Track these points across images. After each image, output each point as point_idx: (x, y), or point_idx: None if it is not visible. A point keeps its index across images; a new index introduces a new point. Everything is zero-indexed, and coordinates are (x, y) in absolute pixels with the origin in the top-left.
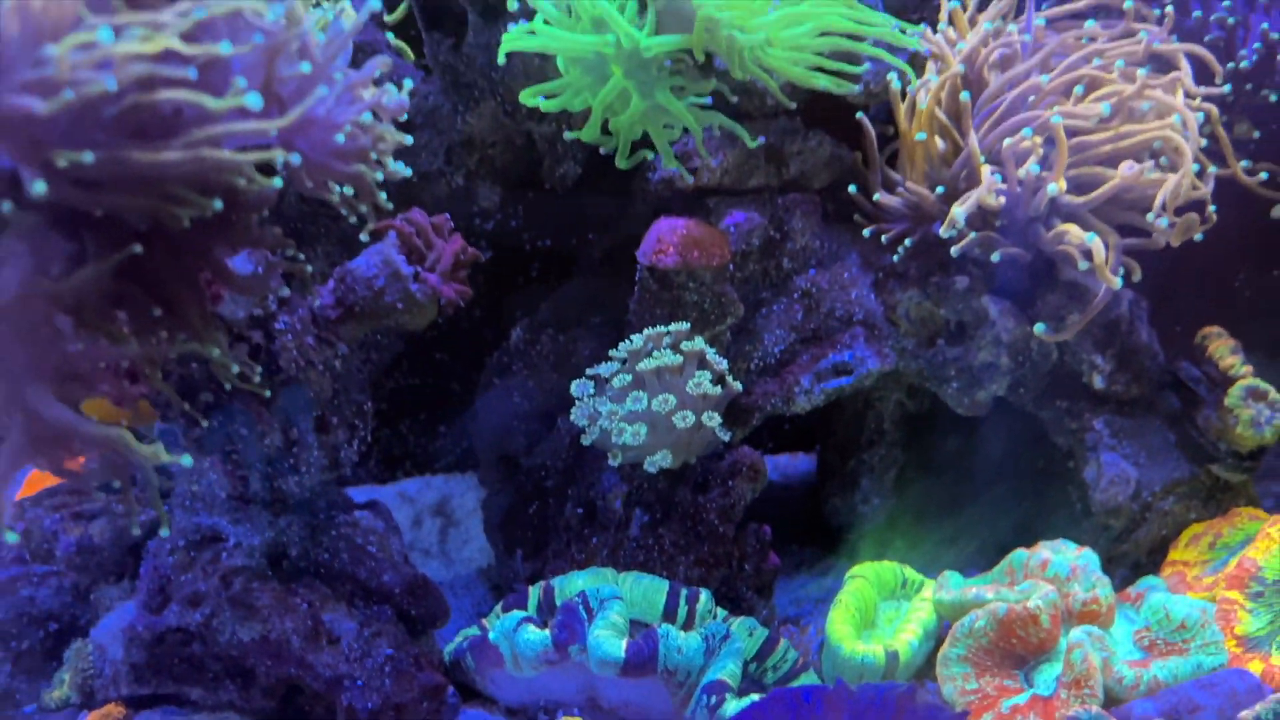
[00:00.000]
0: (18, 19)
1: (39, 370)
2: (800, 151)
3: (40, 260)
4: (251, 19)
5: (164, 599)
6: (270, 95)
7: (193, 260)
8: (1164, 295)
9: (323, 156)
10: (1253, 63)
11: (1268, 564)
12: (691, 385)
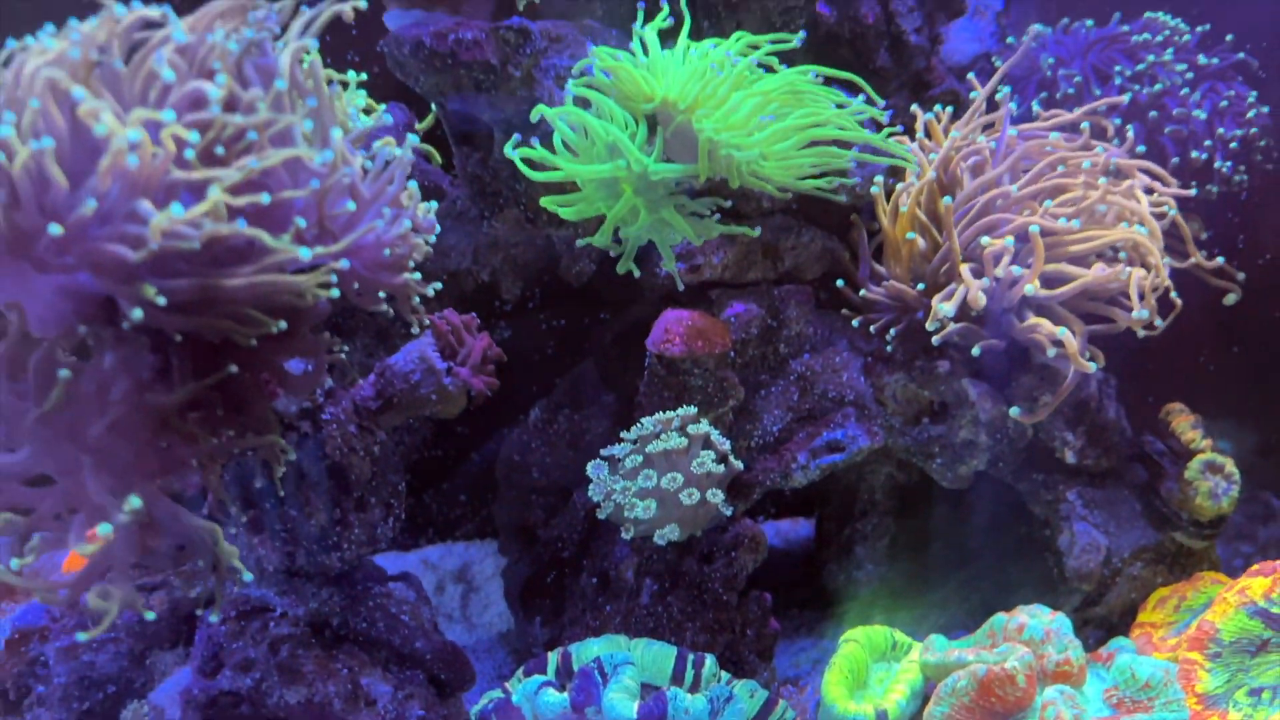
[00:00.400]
0: (113, 177)
1: (143, 468)
2: (794, 246)
3: (136, 373)
4: (308, 164)
5: (217, 664)
6: (324, 229)
7: (258, 367)
8: (1135, 373)
9: (371, 272)
10: (1203, 163)
11: (1224, 627)
12: (696, 465)
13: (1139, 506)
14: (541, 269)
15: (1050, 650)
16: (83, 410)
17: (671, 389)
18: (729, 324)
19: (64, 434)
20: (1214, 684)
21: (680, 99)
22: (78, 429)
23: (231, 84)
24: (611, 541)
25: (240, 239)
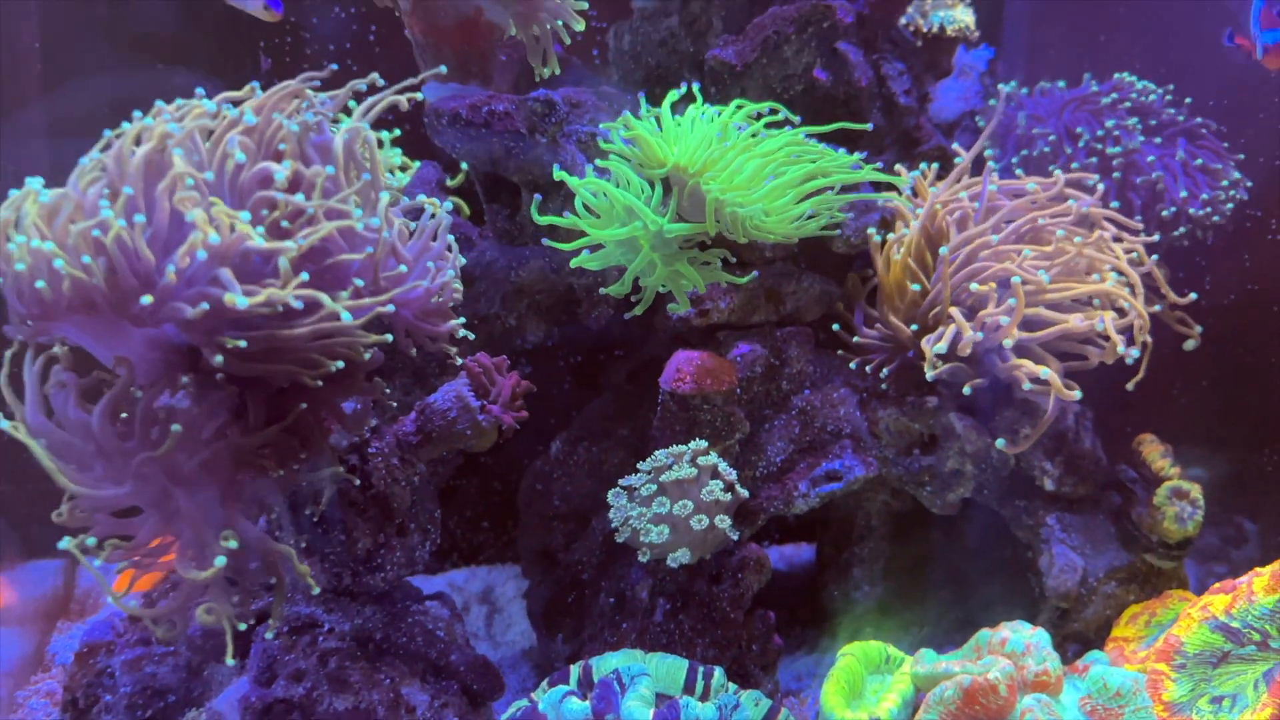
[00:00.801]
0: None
1: (230, 498)
2: (795, 291)
3: (219, 414)
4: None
5: (271, 675)
6: (378, 287)
7: (319, 407)
8: (1112, 405)
9: (419, 320)
10: (1171, 214)
11: (1188, 640)
12: (705, 493)
13: (1113, 530)
14: (562, 313)
15: (1030, 662)
16: (176, 449)
17: (683, 423)
18: (735, 363)
19: (161, 471)
20: (1179, 693)
21: (690, 164)
22: (172, 466)
23: (296, 165)
24: (628, 564)
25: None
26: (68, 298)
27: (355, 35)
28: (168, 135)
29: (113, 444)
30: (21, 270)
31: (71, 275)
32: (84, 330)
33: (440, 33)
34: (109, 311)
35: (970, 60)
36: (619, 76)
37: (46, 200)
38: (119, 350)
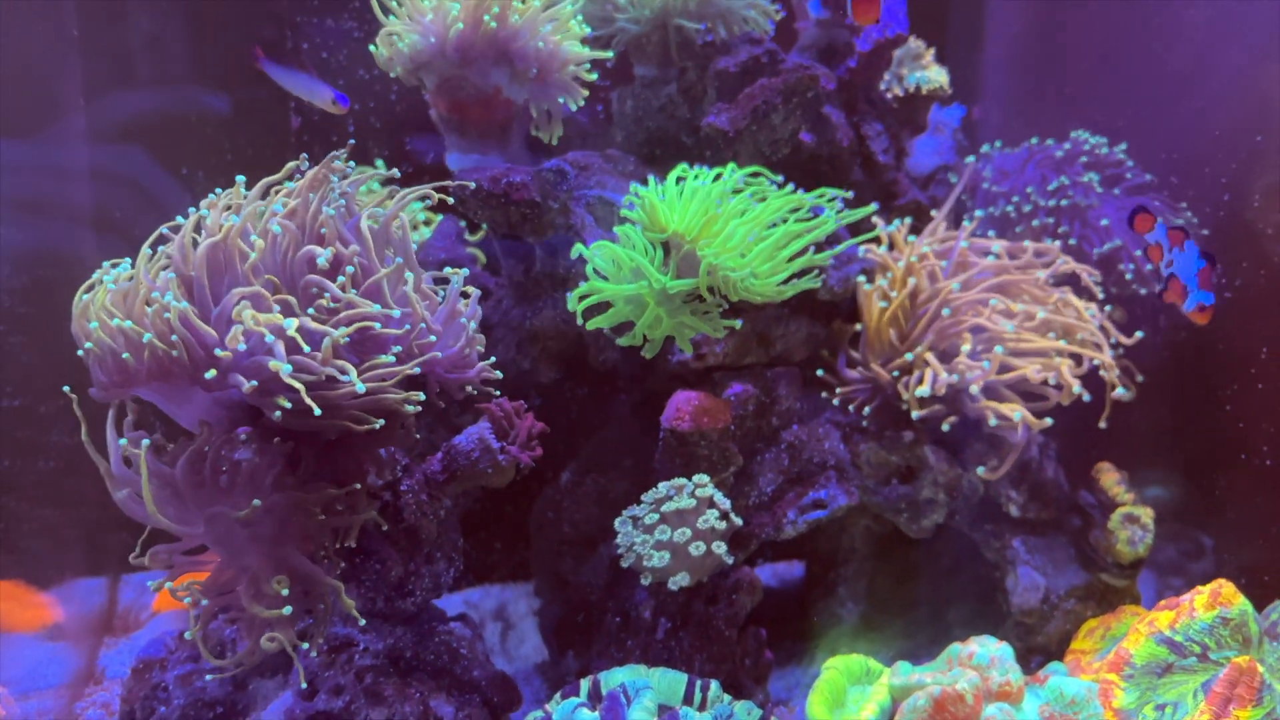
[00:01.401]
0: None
1: (286, 538)
2: (783, 334)
3: (277, 463)
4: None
5: (313, 689)
6: (411, 353)
7: (361, 455)
8: (1076, 435)
9: (445, 375)
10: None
11: (1137, 653)
12: (702, 522)
13: (1072, 551)
14: (572, 357)
15: (994, 674)
16: (240, 495)
17: (682, 457)
18: (729, 402)
19: (229, 514)
20: (1127, 700)
21: (687, 231)
22: (238, 509)
23: (336, 247)
24: (632, 586)
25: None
26: (148, 367)
27: (378, 95)
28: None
29: (191, 490)
30: (105, 344)
31: (153, 348)
32: (158, 394)
33: (463, 109)
34: (183, 379)
35: (944, 117)
36: (622, 137)
37: (118, 286)
38: (187, 407)
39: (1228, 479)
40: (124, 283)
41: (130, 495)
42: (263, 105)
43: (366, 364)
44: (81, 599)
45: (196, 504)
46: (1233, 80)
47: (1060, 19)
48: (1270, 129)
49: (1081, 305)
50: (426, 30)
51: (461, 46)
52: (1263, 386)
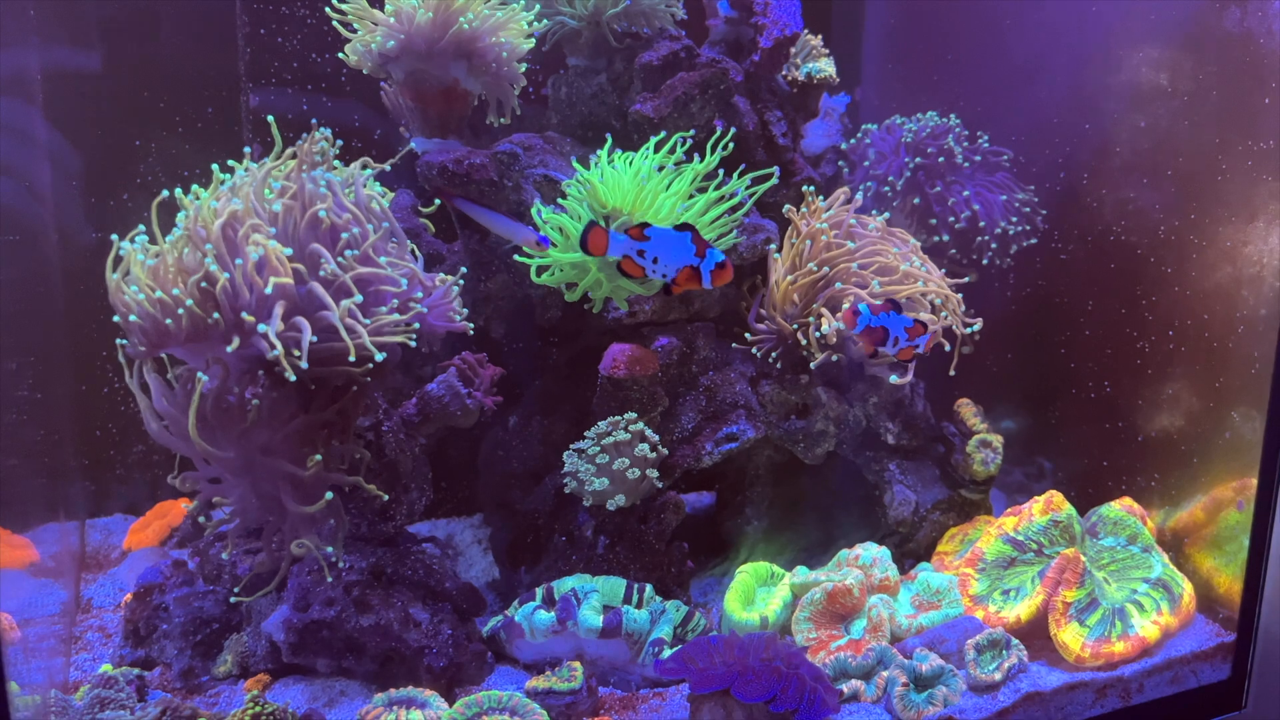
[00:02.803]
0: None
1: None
2: (701, 295)
3: (293, 403)
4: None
5: (307, 602)
6: (406, 306)
7: (358, 397)
8: (941, 377)
9: (434, 324)
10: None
11: (988, 550)
12: (637, 452)
13: (937, 472)
14: (519, 315)
15: (876, 572)
16: (262, 428)
17: (617, 400)
18: (657, 353)
19: (253, 443)
20: (981, 588)
21: (623, 205)
22: (262, 439)
23: (330, 217)
24: (575, 510)
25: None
26: (186, 330)
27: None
28: (234, 212)
29: (221, 423)
30: (146, 312)
31: (191, 314)
32: (188, 350)
33: (426, 99)
34: (215, 339)
35: (832, 104)
36: (557, 120)
37: (150, 262)
38: (209, 360)
39: (1061, 410)
40: (153, 260)
41: (162, 429)
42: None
43: (375, 318)
44: (54, 540)
45: (225, 434)
46: (1066, 77)
47: (928, 15)
48: (1095, 119)
49: (933, 267)
50: (394, 31)
51: (427, 45)
52: (1089, 333)
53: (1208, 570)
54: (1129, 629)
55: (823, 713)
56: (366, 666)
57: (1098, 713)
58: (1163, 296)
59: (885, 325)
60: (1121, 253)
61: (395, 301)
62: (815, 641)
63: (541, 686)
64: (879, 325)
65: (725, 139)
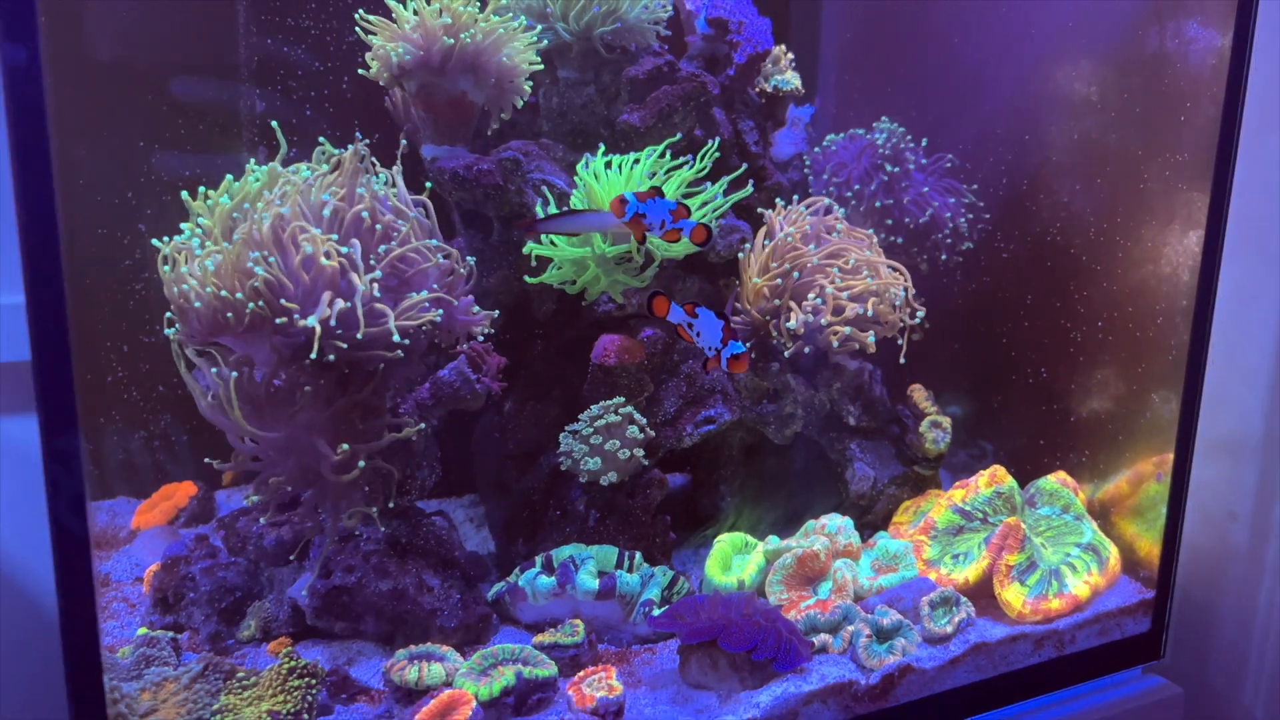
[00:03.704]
0: (320, 283)
1: (341, 438)
2: (682, 289)
3: (332, 386)
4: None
5: (328, 570)
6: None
7: (389, 379)
8: (895, 365)
9: (460, 318)
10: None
11: (938, 519)
12: (627, 434)
13: (893, 450)
14: (517, 308)
15: (840, 538)
16: (306, 409)
17: (607, 386)
18: (644, 342)
19: (300, 424)
20: (933, 553)
21: None
22: (307, 420)
23: (377, 213)
24: (568, 486)
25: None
26: (246, 324)
27: (331, 84)
28: (281, 215)
29: (270, 406)
30: (199, 307)
31: (256, 311)
32: (239, 339)
33: (435, 109)
34: (267, 331)
35: (798, 113)
36: (549, 128)
37: (208, 260)
38: (258, 346)
39: (1003, 396)
40: (214, 256)
41: (216, 411)
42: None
43: (406, 302)
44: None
45: (274, 415)
46: (1008, 92)
47: (882, 33)
48: (1034, 130)
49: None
50: (413, 46)
51: (442, 60)
52: (1027, 325)
53: (1131, 535)
54: (1064, 588)
55: (797, 660)
56: (383, 628)
57: (1036, 661)
58: (1093, 292)
59: (649, 211)
60: (1057, 252)
61: (427, 292)
62: (787, 601)
63: (548, 641)
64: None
65: (711, 150)
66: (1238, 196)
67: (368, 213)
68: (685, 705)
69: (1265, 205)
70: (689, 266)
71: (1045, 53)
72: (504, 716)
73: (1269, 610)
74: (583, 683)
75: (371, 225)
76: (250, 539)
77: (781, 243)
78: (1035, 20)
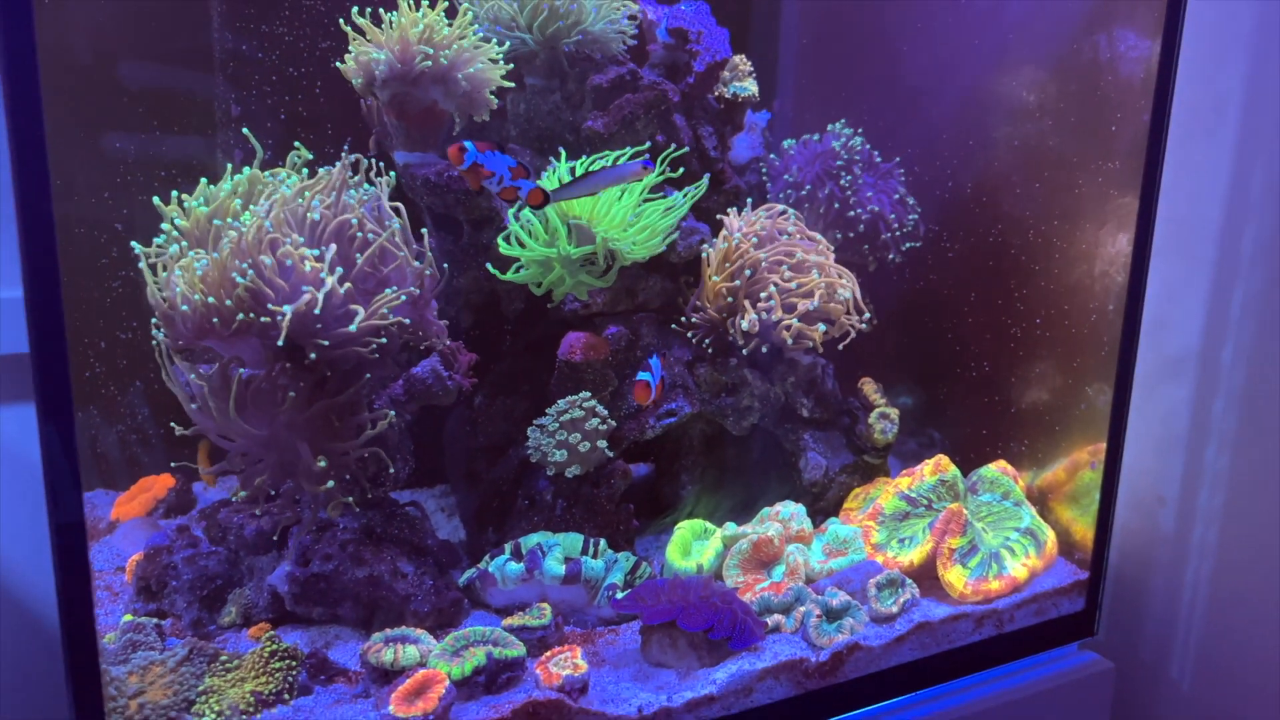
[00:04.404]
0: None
1: (320, 436)
2: (645, 288)
3: (311, 386)
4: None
5: (306, 559)
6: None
7: (362, 375)
8: (846, 359)
9: (424, 323)
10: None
11: (886, 506)
12: (590, 426)
13: (844, 440)
14: (486, 308)
15: (793, 524)
16: (292, 409)
17: (573, 381)
18: (608, 339)
19: (280, 423)
20: (880, 537)
21: (583, 214)
22: (287, 419)
23: (362, 222)
24: (536, 477)
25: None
26: (233, 329)
27: (305, 89)
28: (261, 228)
29: (255, 406)
30: (186, 310)
31: (232, 310)
32: (223, 341)
33: (408, 117)
34: (252, 334)
35: (755, 119)
36: (516, 133)
37: (192, 266)
38: (241, 347)
39: (948, 388)
40: (199, 263)
41: (203, 413)
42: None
43: (379, 298)
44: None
45: (260, 415)
46: (953, 101)
47: (837, 39)
48: (978, 136)
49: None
50: (393, 58)
51: (413, 71)
52: (971, 321)
53: (1067, 520)
54: (1003, 570)
55: (751, 639)
56: (360, 613)
57: (977, 639)
58: (1031, 290)
59: (491, 165)
60: (998, 252)
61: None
62: (743, 584)
63: (517, 624)
64: (484, 163)
65: (670, 155)
66: (1165, 200)
67: (356, 220)
68: (647, 682)
69: (1191, 209)
70: (651, 266)
71: (988, 64)
72: (476, 694)
73: (1194, 588)
74: (549, 662)
75: (354, 234)
76: (231, 529)
77: (734, 245)
78: (979, 32)
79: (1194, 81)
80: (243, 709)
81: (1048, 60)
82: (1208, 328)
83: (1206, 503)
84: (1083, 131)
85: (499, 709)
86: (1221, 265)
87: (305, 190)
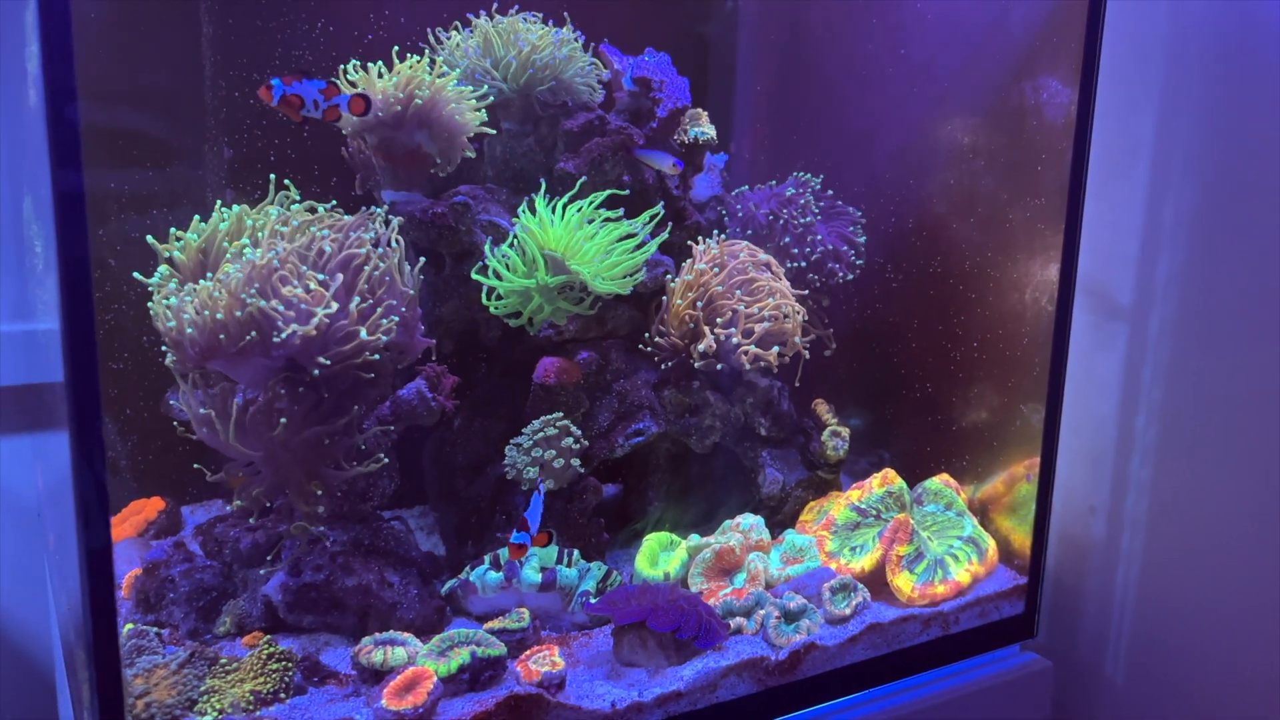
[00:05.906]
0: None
1: (314, 456)
2: (614, 316)
3: (308, 405)
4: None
5: (299, 569)
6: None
7: (356, 398)
8: (800, 382)
9: (412, 345)
10: (820, 256)
11: (838, 517)
12: (563, 445)
13: (799, 458)
14: (466, 334)
15: (753, 535)
16: (287, 431)
17: (547, 403)
18: (580, 364)
19: (277, 443)
20: (833, 546)
21: (558, 248)
22: (283, 440)
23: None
24: (514, 493)
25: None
26: (239, 350)
27: (293, 132)
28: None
29: (254, 428)
30: (192, 334)
31: (251, 340)
32: (229, 362)
33: (394, 159)
34: (254, 354)
35: (714, 161)
36: (493, 174)
37: (200, 291)
38: (243, 367)
39: (895, 409)
40: (205, 287)
41: (211, 432)
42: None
43: (373, 318)
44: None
45: (257, 436)
46: (897, 142)
47: (789, 88)
48: (918, 176)
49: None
50: (376, 107)
51: (399, 117)
52: (914, 346)
53: (1006, 529)
54: (948, 575)
55: (716, 639)
56: (348, 620)
57: (924, 640)
58: (969, 316)
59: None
60: (938, 282)
61: (395, 319)
62: (707, 590)
63: (498, 626)
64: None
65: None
66: (1088, 233)
67: (363, 250)
68: (619, 680)
69: (1113, 242)
70: (619, 296)
71: (928, 109)
72: (461, 690)
73: (1125, 589)
74: (529, 660)
75: (359, 266)
76: (227, 543)
77: (698, 274)
78: (919, 81)
79: (1110, 127)
80: (243, 707)
81: (981, 106)
82: (1130, 349)
83: (1132, 510)
84: (1013, 171)
85: (483, 703)
86: (1140, 291)
87: (312, 225)
